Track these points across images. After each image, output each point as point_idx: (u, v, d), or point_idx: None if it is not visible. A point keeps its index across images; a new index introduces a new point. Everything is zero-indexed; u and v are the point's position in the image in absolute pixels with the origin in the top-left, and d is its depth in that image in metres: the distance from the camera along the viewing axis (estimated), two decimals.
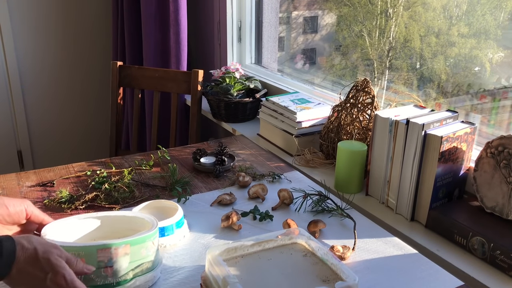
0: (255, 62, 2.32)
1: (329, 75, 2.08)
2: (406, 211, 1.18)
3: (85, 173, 1.31)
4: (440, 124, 1.16)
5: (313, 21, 2.22)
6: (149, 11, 2.23)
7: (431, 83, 1.59)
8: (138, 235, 0.82)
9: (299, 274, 0.79)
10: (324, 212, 1.14)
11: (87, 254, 0.77)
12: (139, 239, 0.81)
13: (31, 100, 2.77)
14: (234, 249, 0.83)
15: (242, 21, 2.25)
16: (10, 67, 2.64)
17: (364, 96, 1.41)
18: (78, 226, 0.88)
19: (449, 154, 1.12)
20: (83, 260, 0.76)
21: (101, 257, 0.78)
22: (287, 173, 1.35)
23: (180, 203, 1.16)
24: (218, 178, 1.32)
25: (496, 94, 1.40)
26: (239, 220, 1.06)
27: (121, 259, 0.79)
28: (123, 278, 0.80)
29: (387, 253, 0.98)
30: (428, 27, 1.60)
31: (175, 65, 2.19)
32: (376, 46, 1.78)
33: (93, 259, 0.77)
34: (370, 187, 1.29)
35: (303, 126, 1.56)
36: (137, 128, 2.09)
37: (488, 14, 1.39)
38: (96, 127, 3.00)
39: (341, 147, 1.29)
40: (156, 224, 0.86)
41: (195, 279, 0.88)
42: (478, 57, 1.43)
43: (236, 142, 1.60)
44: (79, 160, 1.86)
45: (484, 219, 1.08)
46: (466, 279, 0.96)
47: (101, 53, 2.88)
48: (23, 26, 2.64)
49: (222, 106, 1.91)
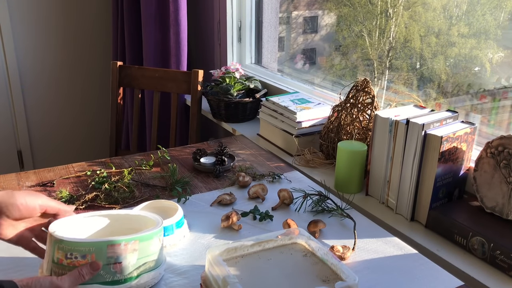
0: (255, 62, 2.32)
1: (329, 75, 2.08)
2: (406, 211, 1.18)
3: (85, 173, 1.31)
4: (440, 124, 1.16)
5: (313, 21, 2.22)
6: (149, 11, 2.23)
7: (431, 83, 1.59)
8: (146, 231, 0.83)
9: (299, 274, 0.79)
10: (324, 212, 1.14)
11: (97, 250, 0.77)
12: (147, 235, 0.82)
13: (31, 100, 2.77)
14: (234, 249, 0.83)
15: (242, 21, 2.25)
16: (10, 67, 2.64)
17: (364, 96, 1.41)
18: (84, 224, 0.88)
19: (449, 154, 1.12)
20: (93, 256, 0.77)
21: (111, 253, 0.78)
22: (287, 173, 1.35)
23: (180, 203, 1.16)
24: (218, 178, 1.32)
25: (496, 94, 1.40)
26: (239, 220, 1.06)
27: (130, 255, 0.80)
28: (130, 275, 0.81)
29: (387, 253, 0.98)
30: (428, 27, 1.60)
31: (175, 65, 2.19)
32: (376, 46, 1.78)
33: (103, 255, 0.77)
34: (370, 187, 1.29)
35: (303, 126, 1.56)
36: (137, 128, 2.09)
37: (488, 14, 1.39)
38: (96, 127, 3.00)
39: (341, 147, 1.29)
40: (161, 222, 0.87)
41: (195, 279, 0.88)
42: (478, 57, 1.43)
43: (236, 142, 1.60)
44: (79, 160, 1.86)
45: (484, 219, 1.08)
46: (466, 279, 0.96)
47: (101, 53, 2.88)
48: (23, 25, 2.64)
49: (222, 106, 1.91)
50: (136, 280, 0.82)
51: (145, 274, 0.83)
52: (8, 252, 0.95)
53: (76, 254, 0.77)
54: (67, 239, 0.77)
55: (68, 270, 0.77)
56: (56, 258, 0.77)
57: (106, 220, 0.90)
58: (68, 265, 0.77)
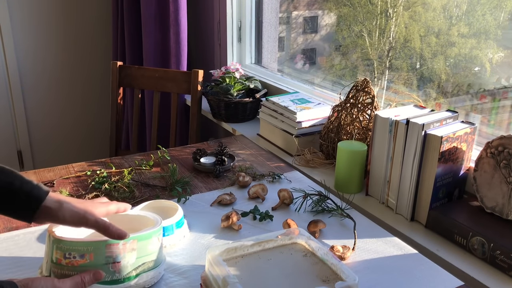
0: (255, 62, 2.32)
1: (329, 75, 2.08)
2: (406, 211, 1.18)
3: (85, 173, 1.31)
4: (440, 124, 1.16)
5: (313, 21, 2.22)
6: (149, 11, 2.23)
7: (431, 83, 1.59)
8: (145, 231, 0.83)
9: (299, 274, 0.79)
10: (324, 212, 1.14)
11: (95, 250, 0.77)
12: (146, 234, 0.82)
13: (31, 100, 2.77)
14: (234, 249, 0.83)
15: (242, 21, 2.25)
16: (10, 67, 2.64)
17: (364, 96, 1.41)
18: None
19: (449, 154, 1.12)
20: (91, 256, 0.77)
21: (109, 253, 0.78)
22: (287, 173, 1.35)
23: (180, 203, 1.16)
24: (218, 178, 1.32)
25: (496, 94, 1.40)
26: (239, 220, 1.06)
27: (129, 255, 0.80)
28: (129, 274, 0.81)
29: (387, 253, 0.98)
30: (428, 27, 1.60)
31: (175, 65, 2.19)
32: (376, 46, 1.78)
33: (101, 255, 0.78)
34: (370, 187, 1.29)
35: (303, 126, 1.56)
36: (137, 128, 2.09)
37: (488, 14, 1.39)
38: (96, 127, 3.00)
39: (341, 147, 1.29)
40: (160, 221, 0.87)
41: (195, 279, 0.88)
42: (478, 57, 1.43)
43: (236, 142, 1.60)
44: (79, 160, 1.86)
45: (484, 219, 1.08)
46: (466, 279, 0.96)
47: (101, 53, 2.88)
48: (23, 26, 2.64)
49: (222, 106, 1.91)
50: (135, 279, 0.82)
51: (144, 273, 0.83)
52: (8, 252, 0.95)
53: (75, 253, 0.77)
54: (66, 239, 0.77)
55: (67, 270, 0.77)
56: (55, 258, 0.77)
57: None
58: (67, 264, 0.77)
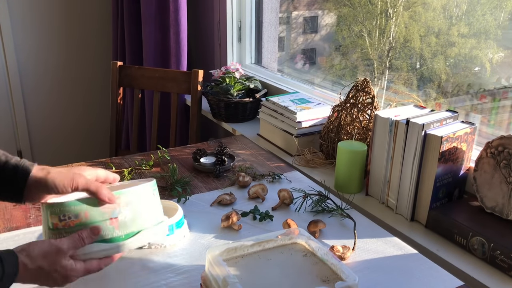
0: (255, 62, 2.32)
1: (329, 75, 2.08)
2: (406, 211, 1.18)
3: None
4: (440, 124, 1.16)
5: (313, 21, 2.22)
6: (149, 12, 2.23)
7: (431, 83, 1.59)
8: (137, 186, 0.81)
9: (299, 274, 0.79)
10: (324, 212, 1.14)
11: (89, 207, 0.76)
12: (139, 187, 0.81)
13: (31, 100, 2.77)
14: (234, 249, 0.83)
15: (242, 21, 2.25)
16: (10, 67, 2.64)
17: (364, 96, 1.41)
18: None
19: (449, 154, 1.12)
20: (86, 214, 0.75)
21: (104, 208, 0.76)
22: (287, 173, 1.35)
23: (180, 203, 1.16)
24: (218, 178, 1.32)
25: (496, 94, 1.40)
26: (239, 220, 1.06)
27: (125, 210, 0.78)
28: (129, 230, 0.79)
29: (387, 253, 0.98)
30: (428, 27, 1.60)
31: (175, 65, 2.19)
32: (376, 46, 1.78)
33: (96, 211, 0.76)
34: (370, 187, 1.29)
35: (303, 126, 1.56)
36: (137, 128, 2.09)
37: (488, 14, 1.39)
38: (96, 127, 3.00)
39: (341, 147, 1.29)
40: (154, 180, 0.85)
41: (195, 279, 0.88)
42: (478, 57, 1.43)
43: (236, 142, 1.60)
44: (79, 160, 1.86)
45: (484, 219, 1.08)
46: (466, 279, 0.96)
47: (101, 53, 2.88)
48: (23, 26, 2.64)
49: (222, 106, 1.91)
50: (137, 236, 0.79)
51: (146, 230, 0.81)
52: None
53: (69, 214, 0.75)
54: (57, 202, 0.75)
55: (65, 232, 0.75)
56: (51, 224, 0.75)
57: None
58: (64, 227, 0.75)
